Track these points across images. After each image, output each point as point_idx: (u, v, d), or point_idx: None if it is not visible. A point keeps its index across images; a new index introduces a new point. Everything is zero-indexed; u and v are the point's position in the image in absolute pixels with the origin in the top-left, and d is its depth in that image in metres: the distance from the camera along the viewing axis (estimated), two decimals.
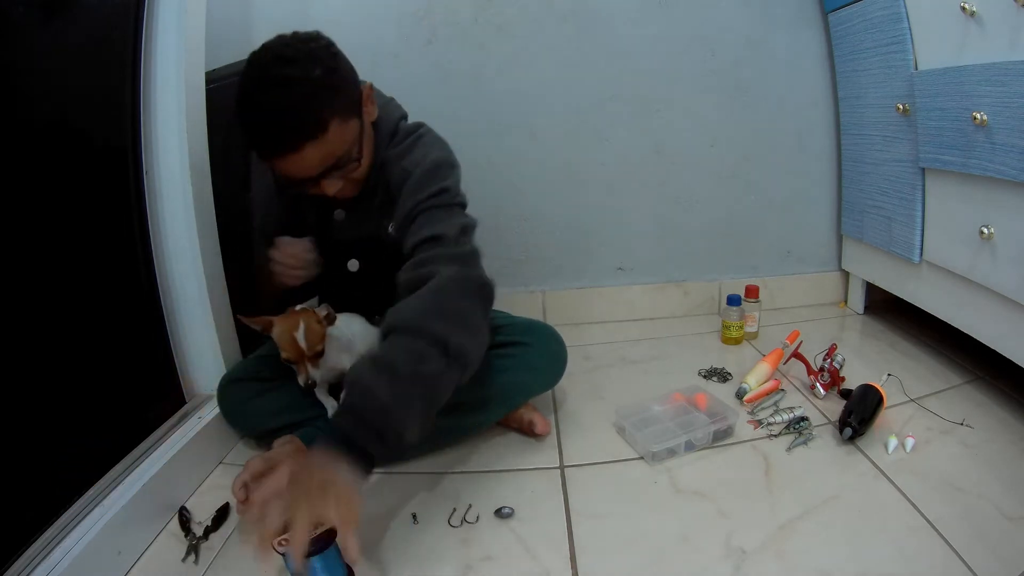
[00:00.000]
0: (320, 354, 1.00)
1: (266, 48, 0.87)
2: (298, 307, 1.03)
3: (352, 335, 1.08)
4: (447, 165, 0.99)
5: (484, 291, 0.86)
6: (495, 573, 0.81)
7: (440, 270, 0.84)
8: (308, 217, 1.08)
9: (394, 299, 0.85)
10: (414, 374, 0.74)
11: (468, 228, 0.93)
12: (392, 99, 1.09)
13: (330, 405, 1.05)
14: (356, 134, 0.91)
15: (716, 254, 1.69)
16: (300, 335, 0.97)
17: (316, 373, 0.99)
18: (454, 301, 0.82)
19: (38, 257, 0.90)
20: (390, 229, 1.02)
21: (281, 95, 0.82)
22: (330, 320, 1.03)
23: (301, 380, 0.99)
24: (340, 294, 1.15)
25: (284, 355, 0.99)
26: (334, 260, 1.10)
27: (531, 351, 1.08)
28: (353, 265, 1.10)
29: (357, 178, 0.97)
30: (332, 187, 0.92)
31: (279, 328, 0.99)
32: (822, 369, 1.22)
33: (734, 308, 1.47)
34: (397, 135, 1.02)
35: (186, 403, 1.12)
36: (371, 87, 0.97)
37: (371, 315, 1.16)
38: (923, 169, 1.26)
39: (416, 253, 0.88)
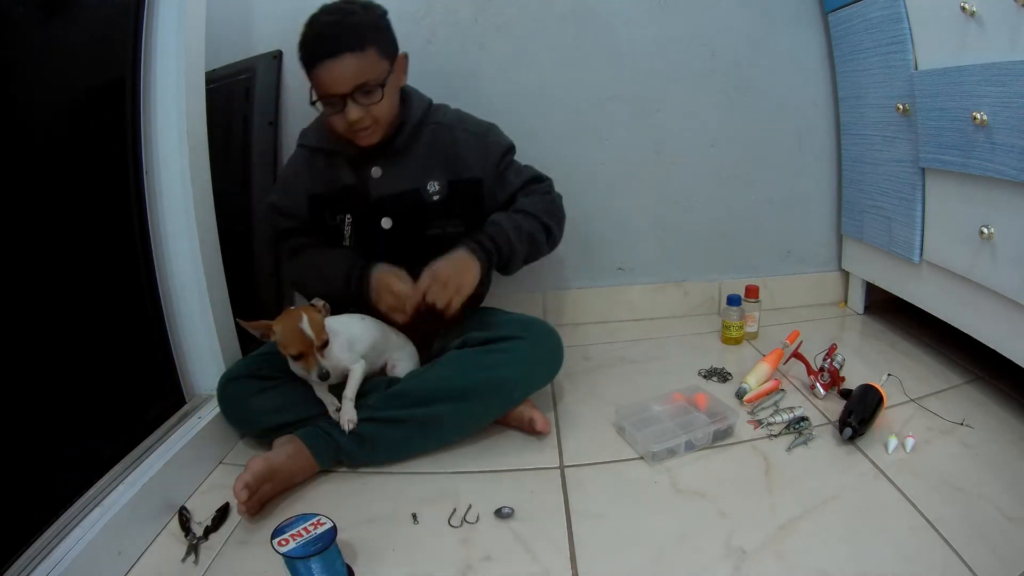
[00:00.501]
0: (326, 343, 1.00)
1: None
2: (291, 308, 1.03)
3: (352, 335, 1.08)
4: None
5: (563, 209, 1.27)
6: (495, 573, 0.81)
7: (551, 191, 1.25)
8: (345, 176, 1.16)
9: (425, 257, 1.08)
10: (530, 237, 1.16)
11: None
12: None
13: (330, 403, 1.05)
14: (385, 73, 1.07)
15: (716, 254, 1.69)
16: (305, 325, 0.97)
17: (326, 363, 0.99)
18: (557, 208, 1.24)
19: (38, 257, 0.90)
20: (429, 187, 1.16)
21: (335, 17, 1.04)
22: (326, 309, 1.04)
23: (314, 373, 0.98)
24: (372, 252, 1.15)
25: (292, 351, 0.98)
26: (368, 218, 1.17)
27: (527, 345, 1.09)
28: (386, 223, 1.17)
29: (377, 116, 1.08)
30: (355, 112, 1.05)
31: (282, 326, 0.99)
32: (822, 369, 1.22)
33: (734, 308, 1.47)
34: (437, 107, 1.22)
35: (186, 403, 1.12)
36: (406, 56, 1.14)
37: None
38: (923, 169, 1.26)
39: (526, 187, 1.21)
